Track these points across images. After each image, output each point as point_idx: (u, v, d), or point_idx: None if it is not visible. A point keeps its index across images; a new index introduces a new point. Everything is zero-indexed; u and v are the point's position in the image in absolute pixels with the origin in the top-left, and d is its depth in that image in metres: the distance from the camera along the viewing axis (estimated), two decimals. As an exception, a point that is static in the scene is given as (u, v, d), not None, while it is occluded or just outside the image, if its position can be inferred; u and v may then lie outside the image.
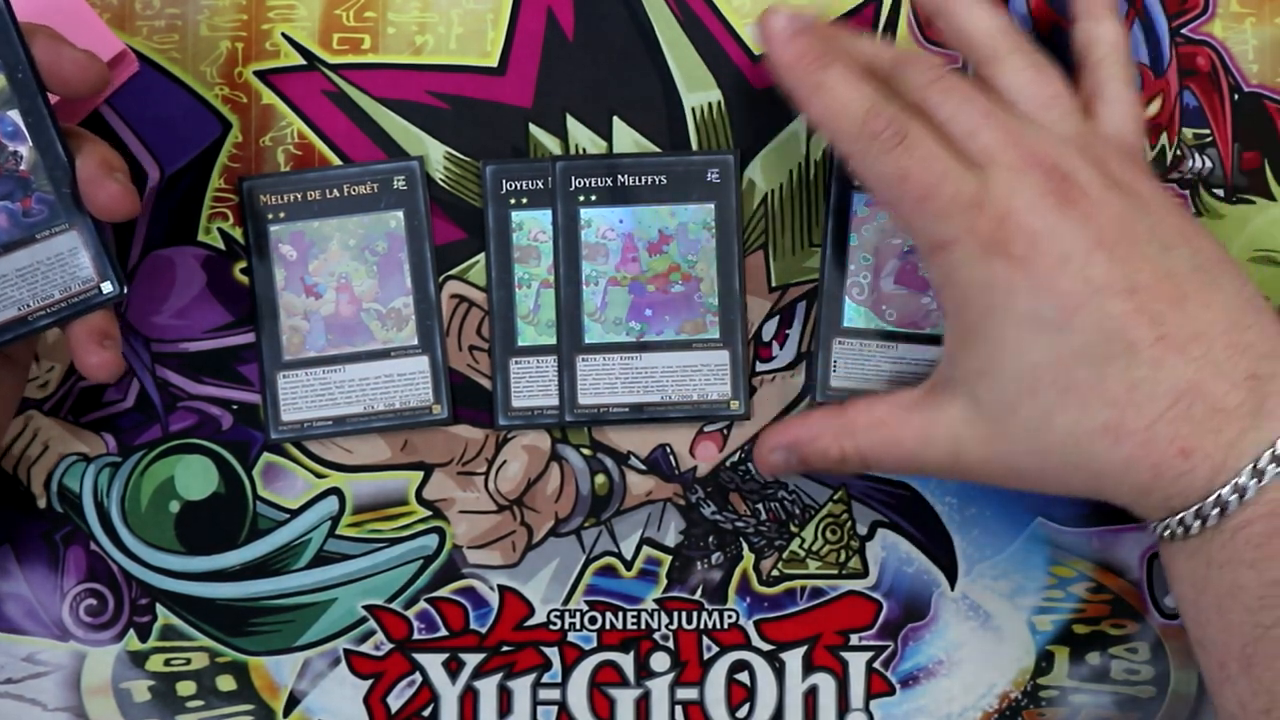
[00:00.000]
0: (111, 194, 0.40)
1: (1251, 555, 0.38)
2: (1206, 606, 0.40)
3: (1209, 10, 0.49)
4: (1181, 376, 0.38)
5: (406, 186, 0.48)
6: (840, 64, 0.41)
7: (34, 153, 0.41)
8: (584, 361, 0.48)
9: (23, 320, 0.41)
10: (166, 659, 0.48)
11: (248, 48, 0.49)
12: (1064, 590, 0.49)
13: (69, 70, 0.40)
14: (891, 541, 0.49)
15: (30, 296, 0.41)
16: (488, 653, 0.49)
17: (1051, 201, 0.39)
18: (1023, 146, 0.40)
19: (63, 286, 0.41)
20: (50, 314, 0.41)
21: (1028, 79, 0.43)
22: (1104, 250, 0.39)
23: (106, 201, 0.40)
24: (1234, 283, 0.40)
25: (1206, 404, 0.38)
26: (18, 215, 0.41)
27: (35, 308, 0.41)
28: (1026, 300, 0.39)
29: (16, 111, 0.40)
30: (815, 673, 0.49)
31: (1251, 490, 0.38)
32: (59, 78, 0.40)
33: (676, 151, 0.49)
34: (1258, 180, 0.49)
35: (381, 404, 0.48)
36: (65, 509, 0.48)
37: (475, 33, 0.49)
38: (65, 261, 0.41)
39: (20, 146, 0.40)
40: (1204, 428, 0.38)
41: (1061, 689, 0.49)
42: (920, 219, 0.40)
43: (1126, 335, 0.38)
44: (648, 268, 0.48)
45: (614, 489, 0.49)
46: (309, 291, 0.48)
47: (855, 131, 0.40)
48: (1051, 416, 0.39)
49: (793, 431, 0.44)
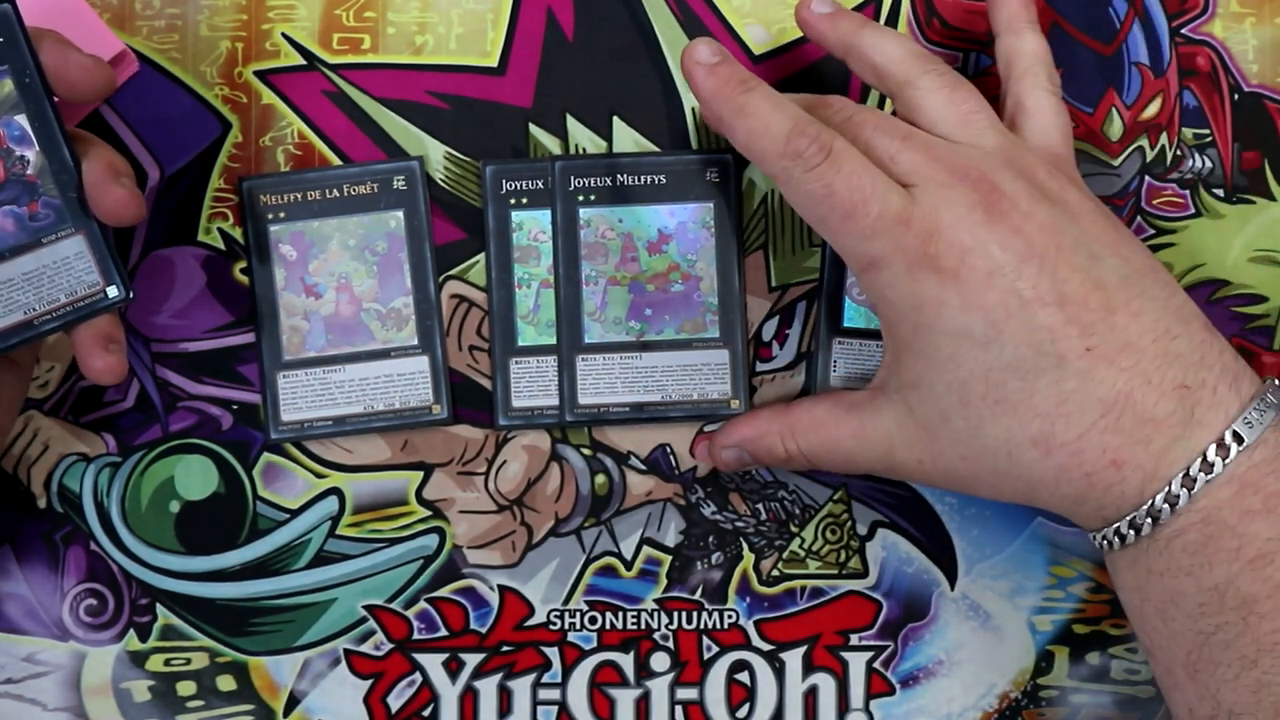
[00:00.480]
0: (118, 198, 0.40)
1: (1188, 562, 0.38)
2: (1150, 614, 0.40)
3: (1209, 10, 0.49)
4: (1111, 387, 0.38)
5: (406, 186, 0.48)
6: (763, 88, 0.41)
7: (40, 157, 0.41)
8: (584, 361, 0.48)
9: (29, 324, 0.41)
10: (166, 659, 0.48)
11: (248, 48, 0.49)
12: (1064, 590, 0.49)
13: (76, 75, 0.40)
14: (891, 541, 0.49)
15: (36, 301, 0.41)
16: (488, 653, 0.49)
17: (979, 215, 0.39)
18: (945, 162, 0.40)
19: (68, 291, 0.41)
20: (56, 318, 0.41)
21: (944, 98, 0.42)
22: (1033, 262, 0.39)
23: (113, 206, 0.40)
24: (1163, 291, 0.40)
25: (1136, 414, 0.38)
26: (24, 219, 0.41)
27: (41, 312, 0.41)
28: (957, 315, 0.39)
29: (24, 116, 0.40)
30: (815, 673, 0.49)
31: (1183, 499, 0.38)
32: (66, 82, 0.40)
33: (675, 151, 0.49)
34: (1258, 180, 0.49)
35: (381, 404, 0.48)
36: (65, 509, 0.48)
37: (475, 33, 0.49)
38: (71, 266, 0.41)
39: (27, 151, 0.40)
40: (1134, 438, 0.38)
41: (1061, 689, 0.49)
42: (848, 237, 0.40)
43: (1057, 347, 0.38)
44: (647, 267, 0.48)
45: (614, 489, 0.49)
46: (309, 291, 0.48)
47: (780, 150, 0.40)
48: (983, 427, 0.40)
49: (741, 430, 0.46)
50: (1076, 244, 0.39)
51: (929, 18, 0.49)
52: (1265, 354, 0.49)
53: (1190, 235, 0.49)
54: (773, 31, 0.49)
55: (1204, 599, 0.38)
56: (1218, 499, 0.38)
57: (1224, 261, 0.49)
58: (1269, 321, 0.49)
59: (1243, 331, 0.49)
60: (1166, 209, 0.49)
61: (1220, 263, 0.49)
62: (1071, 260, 0.39)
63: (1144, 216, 0.49)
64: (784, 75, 0.49)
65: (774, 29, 0.49)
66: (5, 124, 0.40)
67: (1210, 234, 0.49)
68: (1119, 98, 0.49)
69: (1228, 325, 0.49)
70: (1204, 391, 0.39)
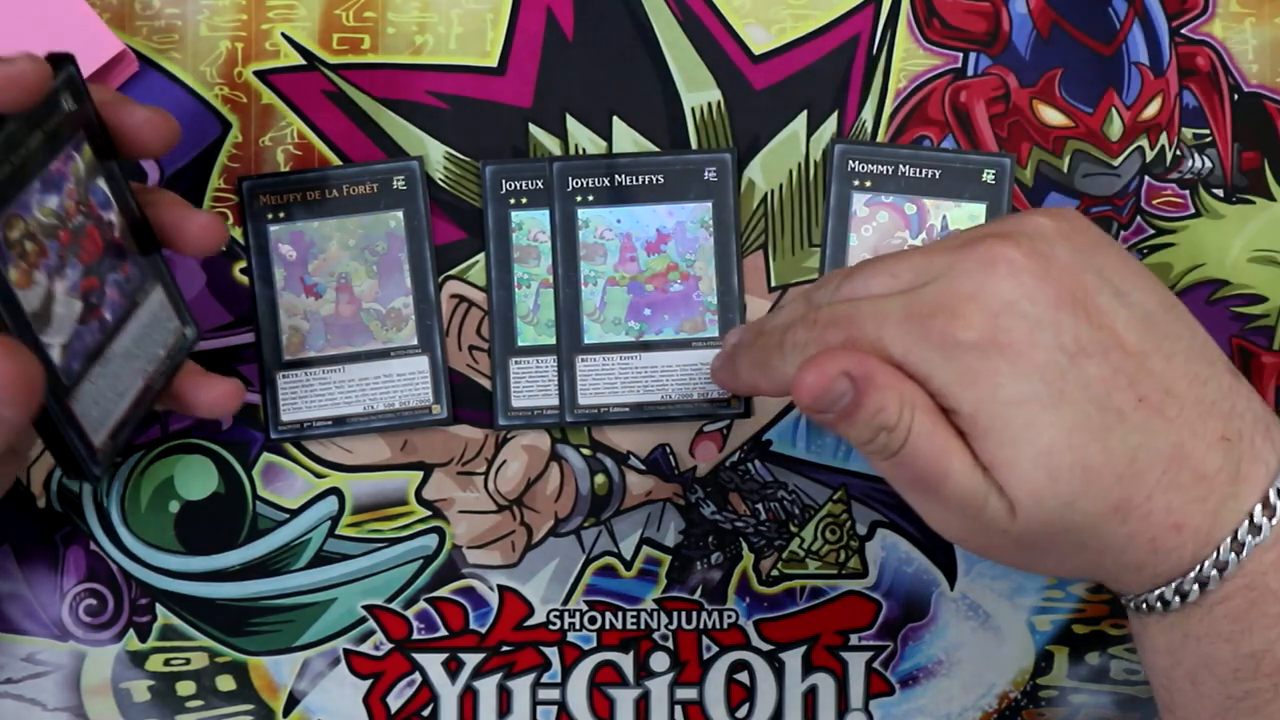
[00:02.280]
0: (202, 223, 0.39)
1: (1228, 629, 0.37)
2: (1180, 677, 0.38)
3: (1209, 10, 0.49)
4: (1167, 441, 0.35)
5: (406, 186, 0.48)
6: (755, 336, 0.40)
7: (120, 216, 0.40)
8: (584, 362, 0.48)
9: (149, 389, 0.40)
10: (166, 659, 0.48)
11: (248, 48, 0.48)
12: (1063, 590, 0.49)
13: (146, 133, 0.39)
14: (891, 541, 0.49)
15: (146, 363, 0.40)
16: (487, 653, 0.49)
17: (1003, 269, 0.36)
18: (942, 283, 0.36)
19: (163, 343, 0.40)
20: (162, 374, 0.40)
21: (876, 266, 0.38)
22: (1065, 310, 0.35)
23: (199, 233, 0.39)
24: (1187, 327, 0.37)
25: (1191, 470, 0.36)
26: (123, 284, 0.39)
27: (152, 373, 0.40)
28: (1014, 383, 0.35)
29: (103, 178, 0.39)
30: (815, 673, 0.49)
31: (1232, 565, 0.36)
32: (135, 139, 0.39)
33: (673, 151, 0.49)
34: (1258, 180, 0.49)
35: (381, 404, 0.48)
36: (65, 509, 0.48)
37: (475, 33, 0.49)
38: (158, 317, 0.40)
39: (110, 214, 0.39)
40: (1192, 496, 0.36)
41: (1061, 689, 0.49)
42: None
43: (1113, 401, 0.35)
44: (646, 267, 0.48)
45: (614, 489, 0.49)
46: (309, 291, 0.48)
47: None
48: (1075, 502, 0.36)
49: (870, 365, 0.36)
50: (1099, 282, 0.36)
51: (929, 18, 0.49)
52: (1265, 354, 0.49)
53: (1190, 235, 0.49)
54: (772, 31, 0.49)
55: (1239, 665, 0.37)
56: (1263, 563, 0.36)
57: (1224, 261, 0.49)
58: (1269, 321, 0.49)
59: (1243, 331, 0.49)
60: (1166, 209, 0.49)
61: (1220, 263, 0.49)
62: (1100, 302, 0.36)
63: (1144, 216, 0.49)
64: (784, 75, 0.49)
65: (774, 29, 0.49)
66: (93, 190, 0.38)
67: (1210, 234, 0.49)
68: (1119, 98, 0.49)
69: (1228, 325, 0.49)
70: (1244, 445, 0.36)
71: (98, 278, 0.38)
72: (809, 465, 0.49)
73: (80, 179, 0.38)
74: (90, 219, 0.38)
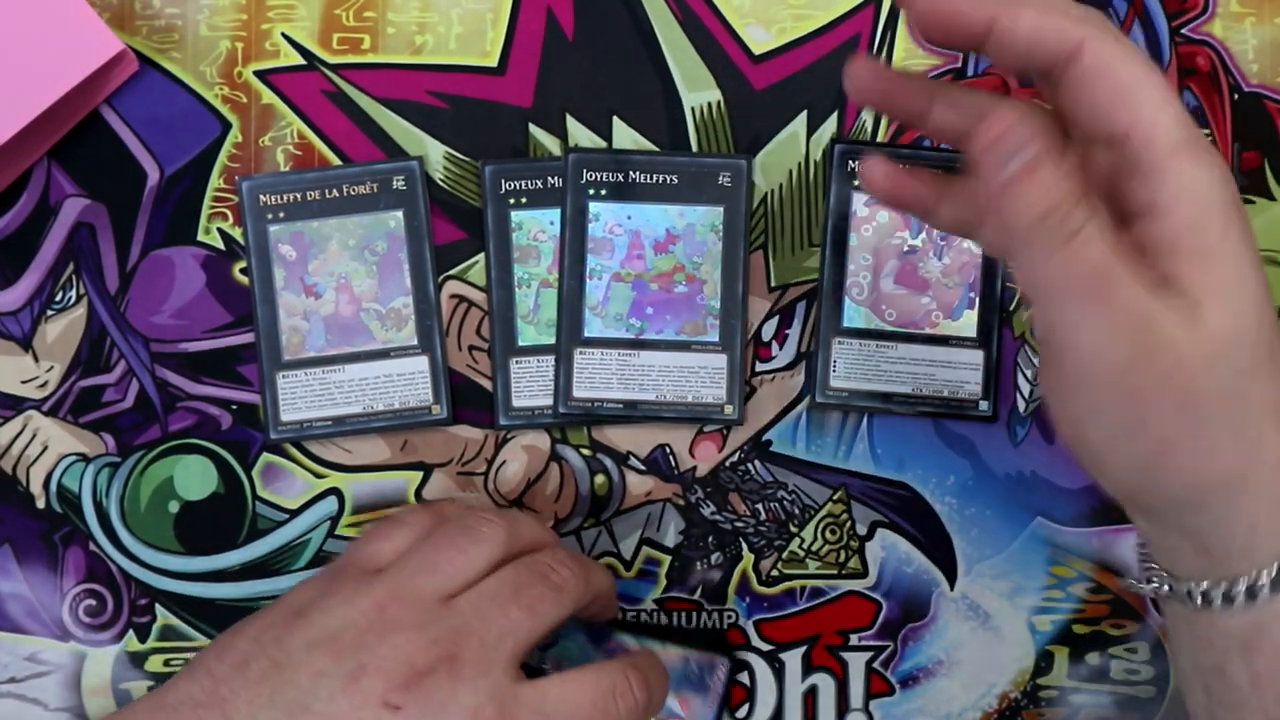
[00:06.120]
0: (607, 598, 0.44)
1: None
2: (1244, 681, 0.36)
3: (1209, 10, 0.49)
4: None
5: (406, 186, 0.48)
6: None
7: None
8: (581, 355, 0.48)
9: None
10: (166, 659, 0.48)
11: (247, 48, 0.48)
12: (1064, 590, 0.49)
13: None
14: (891, 541, 0.49)
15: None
16: (487, 653, 0.49)
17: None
18: None
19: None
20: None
21: None
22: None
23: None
24: None
25: None
26: None
27: None
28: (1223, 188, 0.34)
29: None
30: (815, 673, 0.49)
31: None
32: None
33: (690, 152, 0.48)
34: (1258, 180, 0.49)
35: (381, 404, 0.48)
36: (64, 509, 0.48)
37: (475, 33, 0.49)
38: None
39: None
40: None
41: (1061, 689, 0.49)
42: None
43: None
44: (652, 266, 0.48)
45: (613, 489, 0.49)
46: (309, 291, 0.48)
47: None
48: (1261, 326, 0.33)
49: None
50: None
51: (929, 18, 0.49)
52: (1265, 354, 0.49)
53: (1190, 235, 0.49)
54: (773, 31, 0.49)
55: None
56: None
57: (1224, 261, 0.49)
58: (1269, 322, 0.49)
59: (1242, 332, 0.49)
60: (1166, 209, 0.49)
61: (1220, 263, 0.49)
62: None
63: (1144, 217, 0.49)
64: (784, 75, 0.49)
65: (774, 29, 0.49)
66: None
67: (1210, 234, 0.49)
68: (1119, 98, 0.49)
69: (1227, 325, 0.49)
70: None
71: None
72: (809, 465, 0.49)
73: None
74: None
